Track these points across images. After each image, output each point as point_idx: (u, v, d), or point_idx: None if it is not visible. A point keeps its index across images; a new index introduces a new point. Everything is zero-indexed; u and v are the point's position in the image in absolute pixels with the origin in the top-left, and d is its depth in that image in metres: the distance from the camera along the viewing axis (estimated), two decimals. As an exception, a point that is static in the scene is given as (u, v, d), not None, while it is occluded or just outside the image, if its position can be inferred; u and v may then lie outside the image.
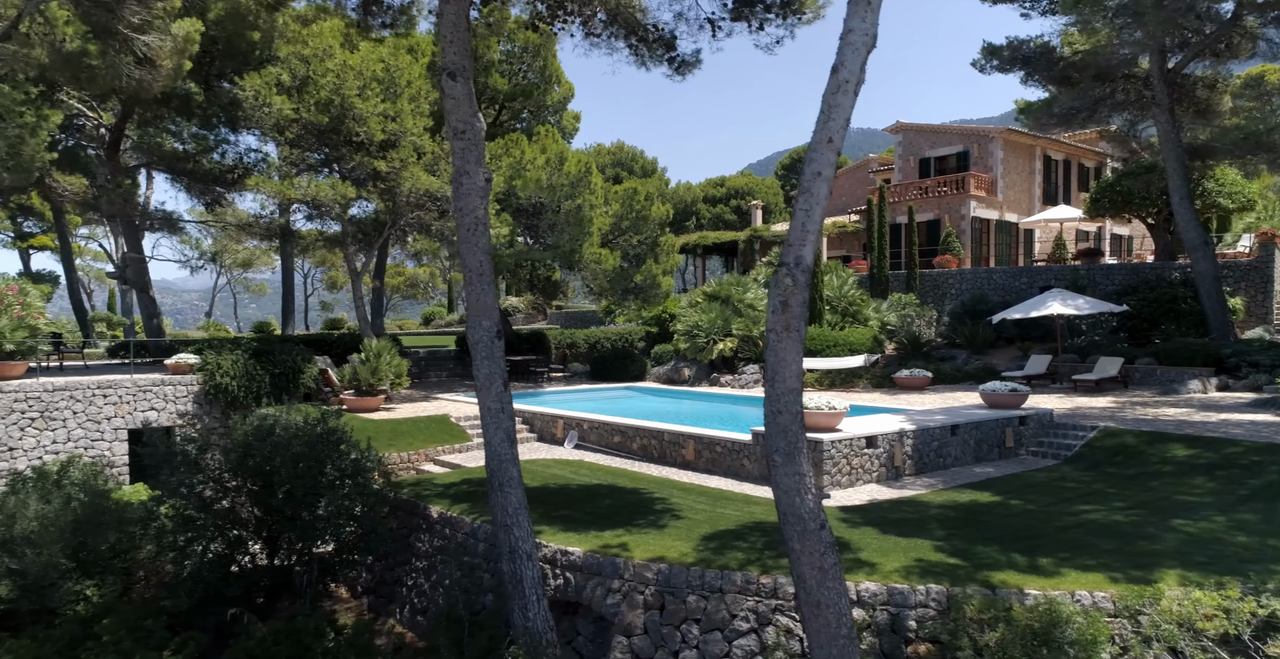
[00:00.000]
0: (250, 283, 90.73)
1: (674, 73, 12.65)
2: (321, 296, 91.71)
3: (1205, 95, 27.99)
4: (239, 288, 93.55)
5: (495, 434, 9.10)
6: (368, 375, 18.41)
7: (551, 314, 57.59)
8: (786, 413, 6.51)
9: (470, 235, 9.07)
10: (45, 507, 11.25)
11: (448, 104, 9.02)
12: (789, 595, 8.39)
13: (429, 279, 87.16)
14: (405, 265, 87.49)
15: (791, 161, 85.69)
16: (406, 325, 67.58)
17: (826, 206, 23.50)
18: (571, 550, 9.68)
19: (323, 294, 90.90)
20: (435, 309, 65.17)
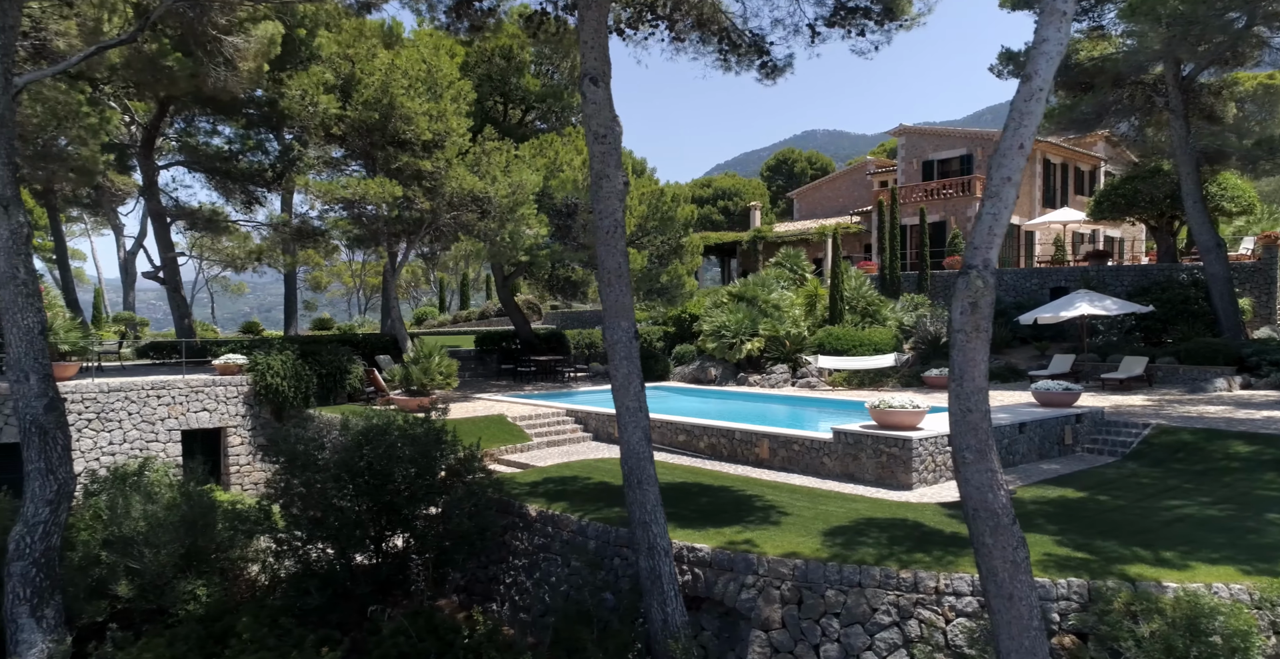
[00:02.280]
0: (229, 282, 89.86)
1: (764, 77, 12.84)
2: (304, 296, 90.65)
3: (1210, 101, 28.67)
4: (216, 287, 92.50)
5: (634, 433, 9.24)
6: (420, 375, 18.43)
7: (547, 314, 57.59)
8: (976, 411, 6.72)
9: (609, 237, 9.21)
10: (151, 507, 11.23)
11: (588, 109, 9.14)
12: (930, 590, 8.61)
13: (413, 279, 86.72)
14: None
15: (777, 163, 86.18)
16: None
17: (827, 208, 23.93)
18: (699, 547, 9.83)
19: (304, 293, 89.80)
20: (427, 309, 64.86)
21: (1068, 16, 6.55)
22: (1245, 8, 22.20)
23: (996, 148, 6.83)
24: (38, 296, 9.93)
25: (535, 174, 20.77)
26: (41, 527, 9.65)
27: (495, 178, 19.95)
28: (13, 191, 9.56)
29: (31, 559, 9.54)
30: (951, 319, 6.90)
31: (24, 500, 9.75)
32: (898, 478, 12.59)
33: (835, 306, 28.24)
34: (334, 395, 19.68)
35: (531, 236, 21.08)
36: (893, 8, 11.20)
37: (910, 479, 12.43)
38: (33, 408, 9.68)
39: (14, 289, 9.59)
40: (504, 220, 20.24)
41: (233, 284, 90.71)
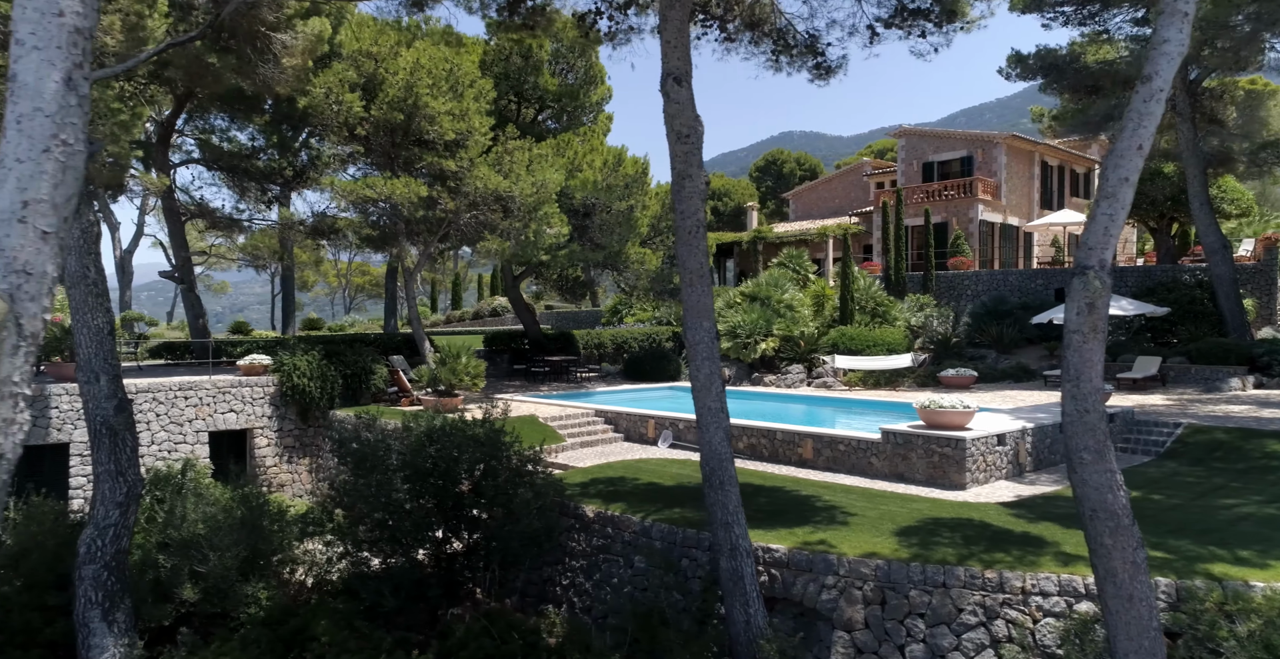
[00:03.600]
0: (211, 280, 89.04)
1: (815, 78, 12.85)
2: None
3: (1212, 105, 29.02)
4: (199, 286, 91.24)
5: (716, 433, 9.22)
6: (448, 375, 18.32)
7: (541, 314, 57.47)
8: (1094, 412, 6.74)
9: (691, 238, 9.19)
10: (209, 509, 11.10)
11: (671, 108, 9.11)
12: (1016, 590, 8.64)
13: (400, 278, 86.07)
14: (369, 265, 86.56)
15: (766, 164, 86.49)
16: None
17: (823, 209, 24.05)
18: (775, 547, 9.82)
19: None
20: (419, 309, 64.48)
21: (1189, 17, 6.58)
22: (1256, 11, 22.49)
23: (1112, 149, 6.85)
24: (106, 296, 9.80)
25: (558, 173, 20.69)
26: (112, 529, 9.51)
27: (519, 177, 19.85)
28: (86, 190, 9.39)
29: (103, 562, 9.39)
30: (1067, 320, 6.91)
31: (93, 503, 9.59)
32: (950, 478, 12.63)
33: (846, 307, 28.35)
34: (359, 396, 19.52)
35: (553, 236, 21.00)
36: (954, 9, 11.24)
37: (964, 479, 12.48)
38: (103, 409, 9.53)
39: (84, 289, 9.45)
40: (528, 219, 20.16)
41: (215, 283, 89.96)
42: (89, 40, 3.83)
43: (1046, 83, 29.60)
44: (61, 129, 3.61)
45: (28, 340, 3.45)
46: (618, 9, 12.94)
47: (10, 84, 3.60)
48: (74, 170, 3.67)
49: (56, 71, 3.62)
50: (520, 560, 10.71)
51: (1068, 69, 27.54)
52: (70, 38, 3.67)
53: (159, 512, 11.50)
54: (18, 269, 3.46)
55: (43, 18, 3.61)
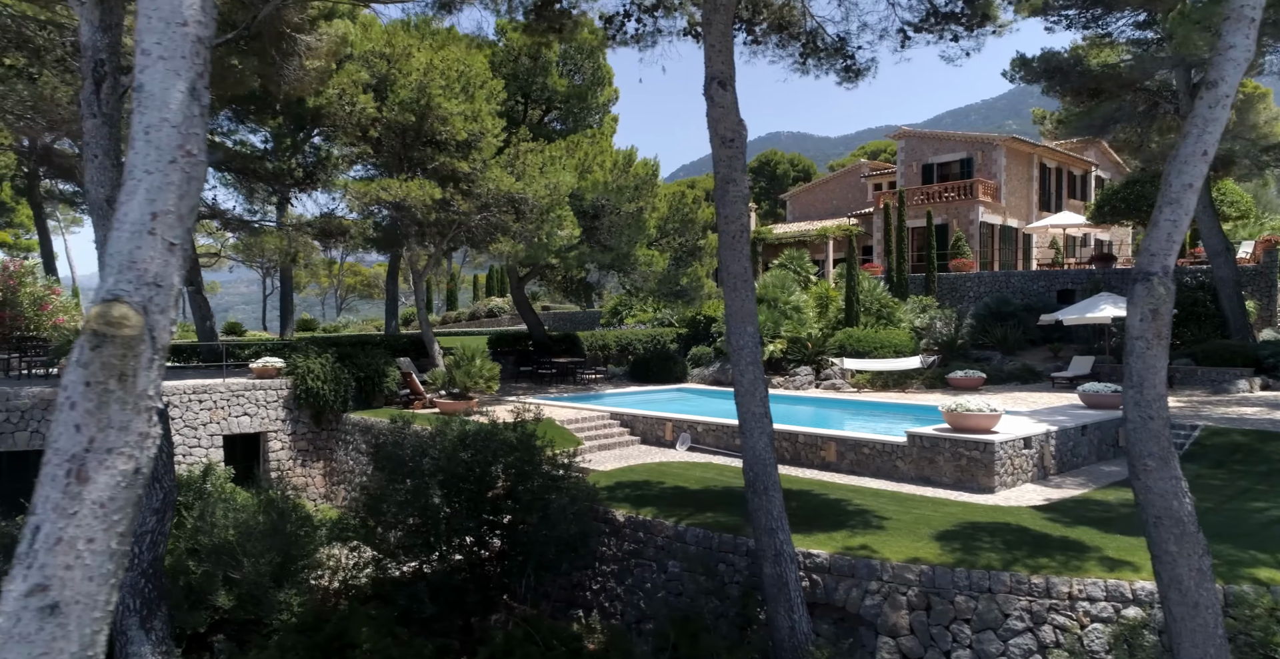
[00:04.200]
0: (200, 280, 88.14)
1: (843, 81, 12.85)
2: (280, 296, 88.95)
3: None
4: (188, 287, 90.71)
5: (759, 439, 9.20)
6: (463, 378, 18.24)
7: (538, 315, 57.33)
8: (1158, 418, 6.76)
9: (734, 242, 9.16)
10: (240, 515, 11.01)
11: (715, 112, 9.08)
12: (1063, 595, 8.65)
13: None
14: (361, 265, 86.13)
15: (759, 164, 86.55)
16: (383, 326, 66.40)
17: (819, 210, 24.22)
18: (816, 552, 9.80)
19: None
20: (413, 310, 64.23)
21: (1255, 23, 6.60)
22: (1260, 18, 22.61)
23: (1175, 154, 6.86)
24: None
25: (570, 175, 20.64)
26: (149, 536, 9.42)
27: (532, 178, 19.80)
28: (118, 193, 9.30)
29: (140, 570, 9.30)
30: (1129, 326, 6.93)
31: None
32: (978, 481, 12.65)
33: (851, 308, 28.38)
34: (371, 399, 19.41)
35: (564, 237, 20.95)
36: (987, 13, 11.25)
37: (993, 482, 12.50)
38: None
39: (120, 293, 9.33)
40: (540, 221, 20.10)
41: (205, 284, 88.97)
42: (209, 49, 3.78)
43: (1048, 85, 29.68)
44: (187, 140, 3.56)
45: (160, 353, 3.40)
46: (645, 11, 12.91)
47: (136, 94, 3.54)
48: (197, 181, 3.62)
49: (181, 82, 3.57)
50: (556, 566, 10.68)
51: (1071, 72, 27.65)
52: (193, 48, 3.62)
53: (187, 517, 11.40)
54: (149, 281, 3.41)
55: (168, 28, 3.56)
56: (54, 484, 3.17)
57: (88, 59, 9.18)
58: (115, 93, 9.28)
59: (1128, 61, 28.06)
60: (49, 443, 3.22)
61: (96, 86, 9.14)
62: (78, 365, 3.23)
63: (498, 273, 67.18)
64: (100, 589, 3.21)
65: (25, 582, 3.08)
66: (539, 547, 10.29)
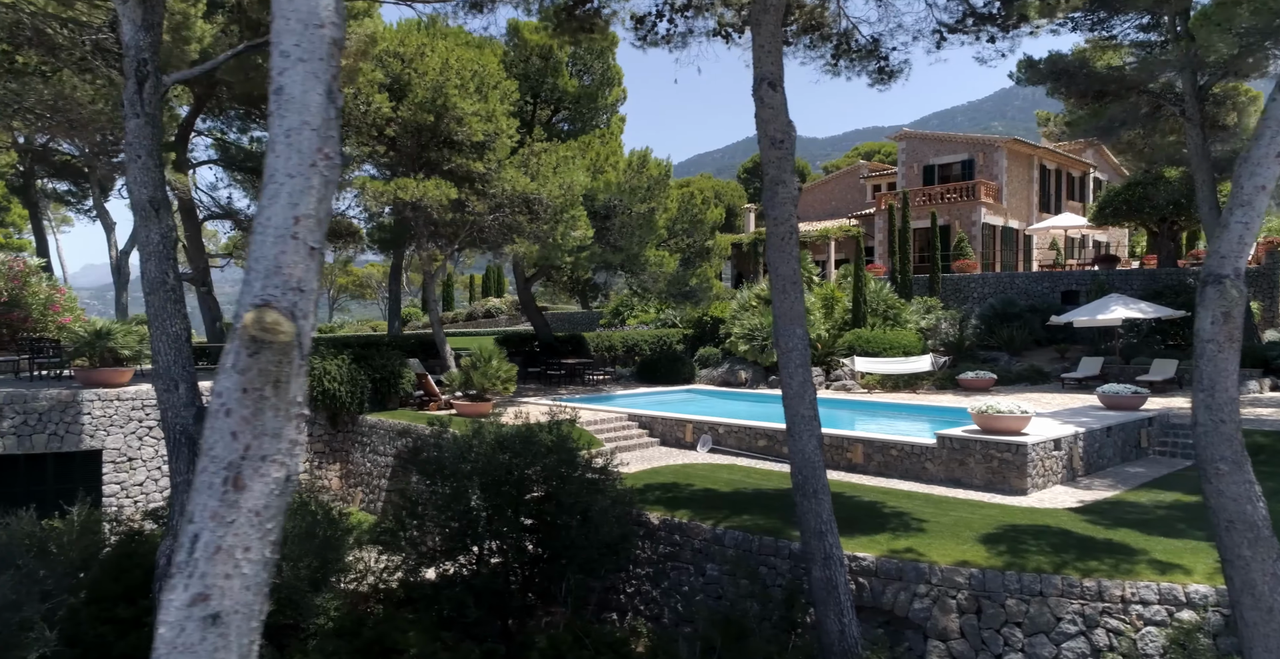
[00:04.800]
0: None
1: (875, 82, 12.83)
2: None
3: (1214, 111, 29.37)
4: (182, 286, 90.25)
5: (809, 442, 9.17)
6: (481, 379, 18.16)
7: (535, 315, 57.20)
8: (1229, 422, 6.75)
9: (784, 243, 9.13)
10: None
11: (765, 113, 9.05)
12: (1115, 598, 8.65)
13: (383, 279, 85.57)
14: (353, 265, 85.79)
15: (755, 165, 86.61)
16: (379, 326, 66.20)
17: (818, 211, 24.42)
18: (862, 555, 9.78)
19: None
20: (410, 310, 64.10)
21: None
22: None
23: (1247, 156, 6.86)
24: (183, 302, 9.60)
25: (584, 175, 20.59)
26: (191, 541, 9.29)
27: (547, 179, 19.73)
28: (162, 193, 9.22)
29: (183, 575, 9.17)
30: (1200, 329, 6.92)
31: (171, 513, 9.40)
32: (1011, 483, 12.66)
33: (859, 309, 28.41)
34: (386, 400, 19.31)
35: (578, 238, 20.88)
36: (1025, 14, 11.25)
37: (1025, 484, 12.51)
38: (182, 417, 9.34)
39: (163, 295, 9.26)
40: (555, 222, 20.03)
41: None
42: (341, 50, 3.72)
43: (1053, 87, 29.75)
44: (325, 142, 3.50)
45: (305, 358, 3.34)
46: (677, 11, 12.87)
47: (276, 97, 3.48)
48: (332, 184, 3.56)
49: (320, 84, 3.51)
50: (597, 569, 10.61)
51: (1078, 74, 27.72)
52: (329, 49, 3.56)
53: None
54: (293, 286, 3.35)
55: (306, 29, 3.50)
56: (211, 492, 3.11)
57: (130, 58, 9.08)
58: (157, 92, 9.18)
59: (1132, 64, 28.19)
60: (203, 450, 3.16)
61: (139, 86, 9.05)
62: (234, 371, 3.16)
63: (494, 273, 67.01)
64: (256, 599, 3.16)
65: (187, 591, 3.02)
66: (580, 549, 10.23)
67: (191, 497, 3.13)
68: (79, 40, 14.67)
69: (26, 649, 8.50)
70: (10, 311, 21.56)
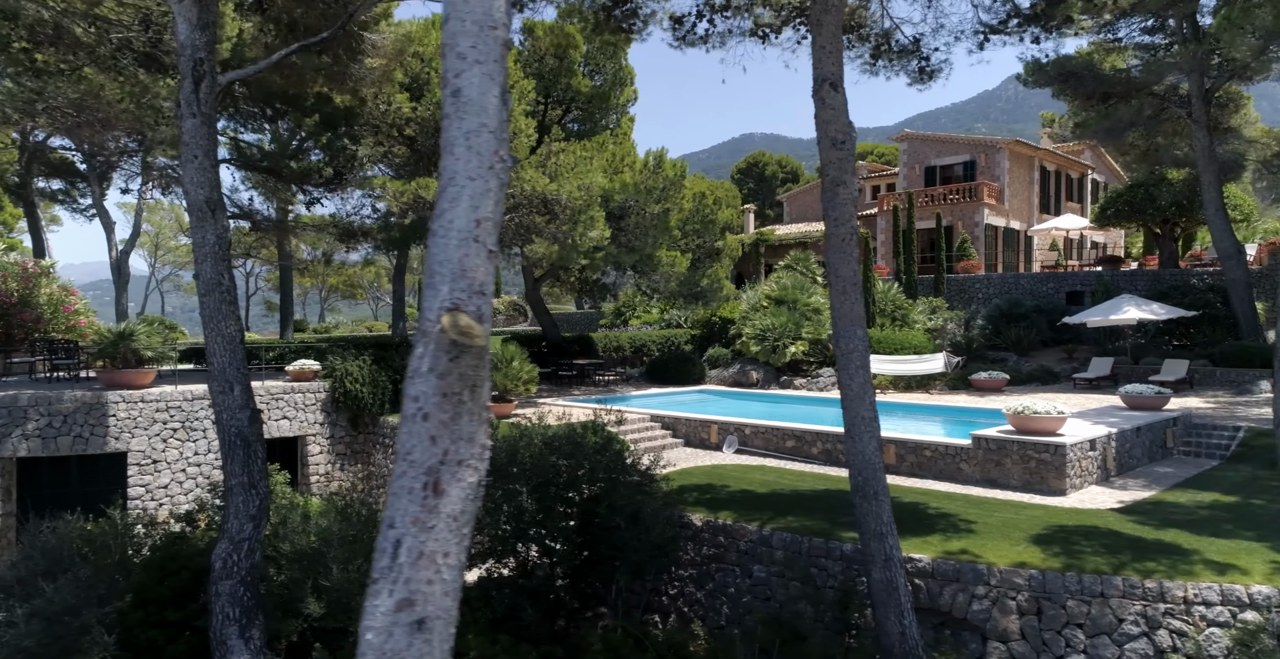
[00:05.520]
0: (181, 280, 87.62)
1: (914, 82, 12.86)
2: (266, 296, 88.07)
3: (1217, 113, 29.59)
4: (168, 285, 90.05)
5: (869, 443, 9.17)
6: (503, 380, 18.10)
7: (532, 316, 57.11)
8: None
9: (844, 245, 9.13)
10: (322, 521, 10.84)
11: (826, 114, 9.04)
12: (1178, 599, 8.68)
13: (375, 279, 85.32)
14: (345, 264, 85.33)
15: (748, 166, 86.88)
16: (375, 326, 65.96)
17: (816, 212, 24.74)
18: (917, 557, 9.79)
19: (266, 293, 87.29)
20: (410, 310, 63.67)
21: None
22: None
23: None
24: (237, 304, 9.53)
25: (601, 176, 20.55)
26: (247, 543, 9.26)
27: (566, 179, 19.69)
28: (218, 194, 9.15)
29: (239, 577, 9.13)
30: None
31: (226, 516, 9.32)
32: (1049, 484, 12.70)
33: (868, 310, 28.46)
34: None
35: (595, 238, 20.84)
36: (1071, 15, 11.29)
37: (1064, 485, 12.55)
38: (237, 420, 9.26)
39: (218, 296, 9.18)
40: (574, 222, 19.99)
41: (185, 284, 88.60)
42: (509, 51, 3.68)
43: (1059, 89, 29.93)
44: (501, 145, 3.46)
45: (488, 362, 3.30)
46: (716, 11, 12.86)
47: (454, 100, 3.44)
48: (505, 186, 3.52)
49: (495, 86, 3.47)
50: (647, 571, 10.59)
51: (1086, 76, 27.89)
52: (501, 51, 3.52)
53: (266, 524, 11.18)
54: (477, 289, 3.32)
55: (481, 31, 3.46)
56: (411, 497, 3.07)
57: (186, 57, 8.99)
58: (213, 92, 9.10)
59: (1137, 66, 28.40)
60: (400, 454, 3.12)
61: (195, 85, 8.96)
62: (433, 375, 3.13)
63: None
64: (453, 604, 3.13)
65: (392, 597, 2.98)
66: (632, 551, 10.20)
67: (389, 501, 3.09)
68: (106, 38, 14.55)
69: (86, 654, 8.42)
70: (22, 312, 21.36)
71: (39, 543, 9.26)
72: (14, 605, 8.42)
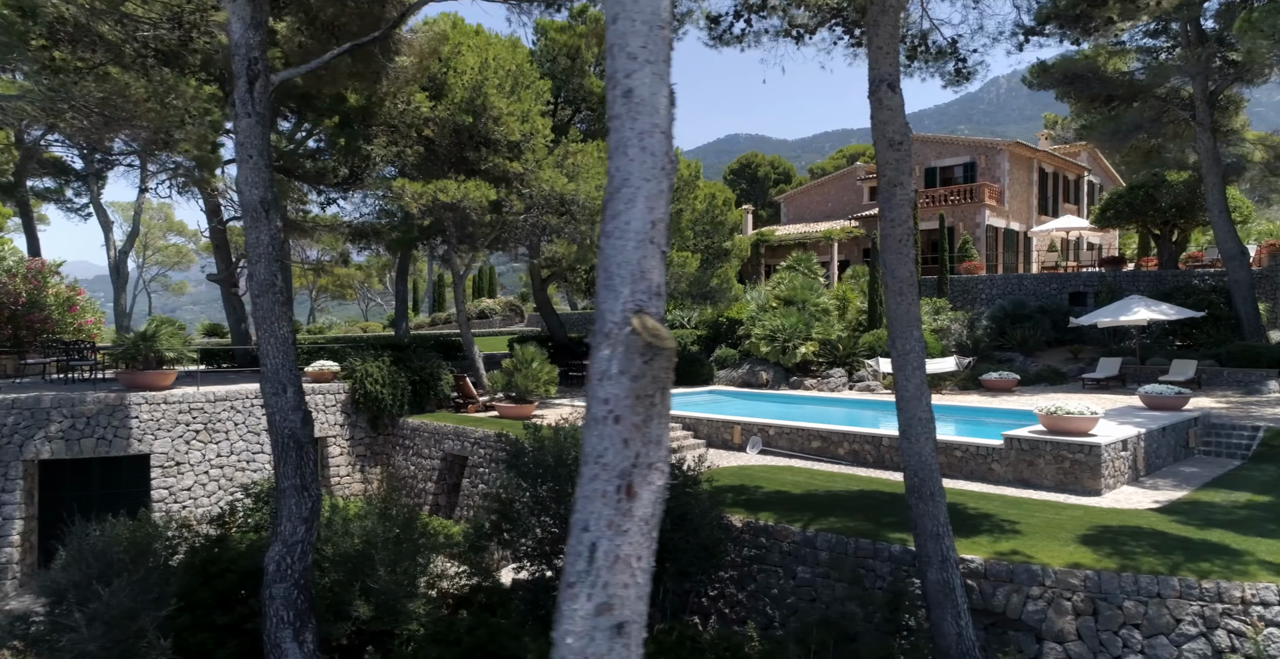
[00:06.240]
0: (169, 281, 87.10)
1: (951, 83, 12.89)
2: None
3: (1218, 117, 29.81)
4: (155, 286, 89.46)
5: (925, 444, 9.18)
6: (524, 381, 18.03)
7: (530, 316, 57.04)
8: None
9: (900, 246, 9.14)
10: (364, 523, 10.79)
11: (883, 115, 9.05)
12: (1235, 599, 8.72)
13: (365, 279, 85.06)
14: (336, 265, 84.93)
15: (740, 167, 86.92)
16: (369, 327, 65.72)
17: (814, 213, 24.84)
18: (969, 558, 9.80)
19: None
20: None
21: None
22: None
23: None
24: (290, 305, 9.45)
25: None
26: (299, 546, 9.19)
27: (584, 179, 19.66)
28: (272, 194, 9.07)
29: (293, 580, 9.06)
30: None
31: (279, 518, 9.24)
32: (1083, 484, 12.75)
33: (874, 310, 28.54)
34: (424, 403, 19.13)
35: (611, 240, 20.78)
36: (1113, 17, 11.34)
37: (1099, 485, 12.60)
38: (290, 421, 9.19)
39: (272, 297, 9.11)
40: (592, 222, 19.97)
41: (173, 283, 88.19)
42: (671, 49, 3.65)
43: (1062, 91, 30.08)
44: (669, 146, 3.43)
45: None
46: (753, 11, 12.86)
47: (625, 100, 3.40)
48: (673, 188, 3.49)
49: (664, 86, 3.45)
50: (693, 572, 10.57)
51: (1091, 79, 28.01)
52: (669, 51, 3.49)
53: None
54: (655, 291, 3.29)
55: (651, 31, 3.43)
56: (605, 500, 3.04)
57: (240, 57, 8.92)
58: (267, 91, 9.03)
59: (1140, 69, 28.56)
60: (590, 456, 3.09)
61: (250, 85, 8.89)
62: (625, 378, 3.09)
63: (486, 274, 66.68)
64: (644, 607, 3.11)
65: (590, 601, 2.96)
66: (681, 552, 10.18)
67: (580, 504, 3.06)
68: (132, 36, 14.43)
69: (143, 658, 8.34)
70: (30, 313, 21.16)
71: (87, 546, 9.16)
72: (70, 608, 8.34)
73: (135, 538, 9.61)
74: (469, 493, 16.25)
